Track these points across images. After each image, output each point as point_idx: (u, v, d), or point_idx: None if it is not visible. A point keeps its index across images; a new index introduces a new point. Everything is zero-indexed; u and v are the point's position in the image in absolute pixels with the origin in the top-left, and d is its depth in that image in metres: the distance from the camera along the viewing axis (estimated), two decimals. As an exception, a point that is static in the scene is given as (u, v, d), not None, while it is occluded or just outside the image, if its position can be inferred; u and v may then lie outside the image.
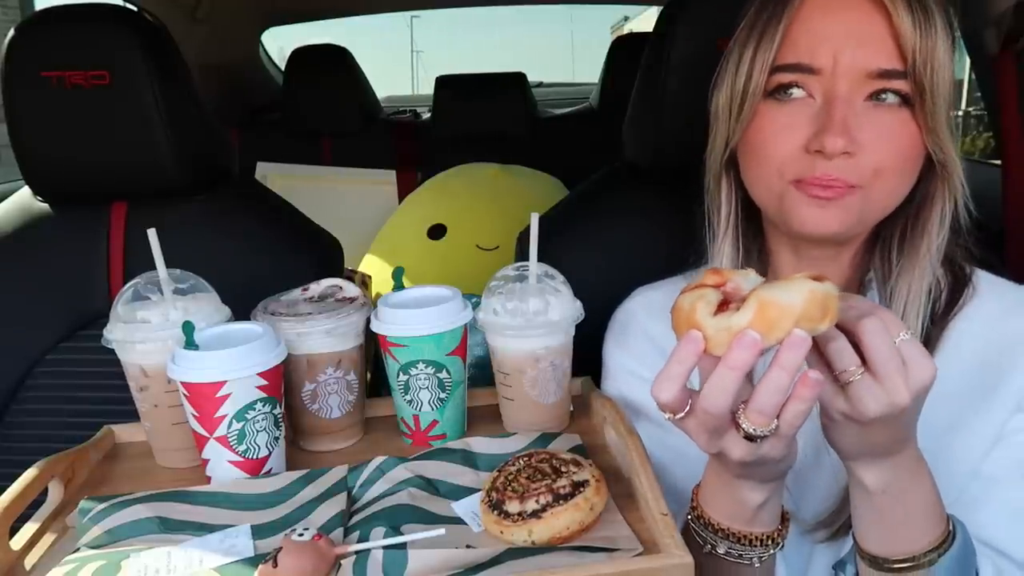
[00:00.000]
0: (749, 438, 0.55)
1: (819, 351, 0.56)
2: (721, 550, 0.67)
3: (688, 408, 0.57)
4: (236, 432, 0.72)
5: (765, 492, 0.64)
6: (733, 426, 0.56)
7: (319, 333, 0.79)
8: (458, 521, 0.66)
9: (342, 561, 0.60)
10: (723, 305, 0.55)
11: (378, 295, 1.64)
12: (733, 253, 0.80)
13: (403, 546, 0.60)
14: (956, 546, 0.62)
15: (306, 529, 0.60)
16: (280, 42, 3.14)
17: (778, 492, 0.65)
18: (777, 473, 0.63)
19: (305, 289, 0.86)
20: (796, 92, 0.70)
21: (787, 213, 0.72)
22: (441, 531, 0.62)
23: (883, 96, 0.68)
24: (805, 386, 0.53)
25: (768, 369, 0.53)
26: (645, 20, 7.01)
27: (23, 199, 1.21)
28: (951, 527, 0.63)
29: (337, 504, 0.68)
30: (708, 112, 0.79)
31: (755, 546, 0.66)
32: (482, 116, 2.60)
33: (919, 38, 0.66)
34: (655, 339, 0.87)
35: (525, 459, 0.67)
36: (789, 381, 0.52)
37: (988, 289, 0.77)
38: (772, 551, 0.67)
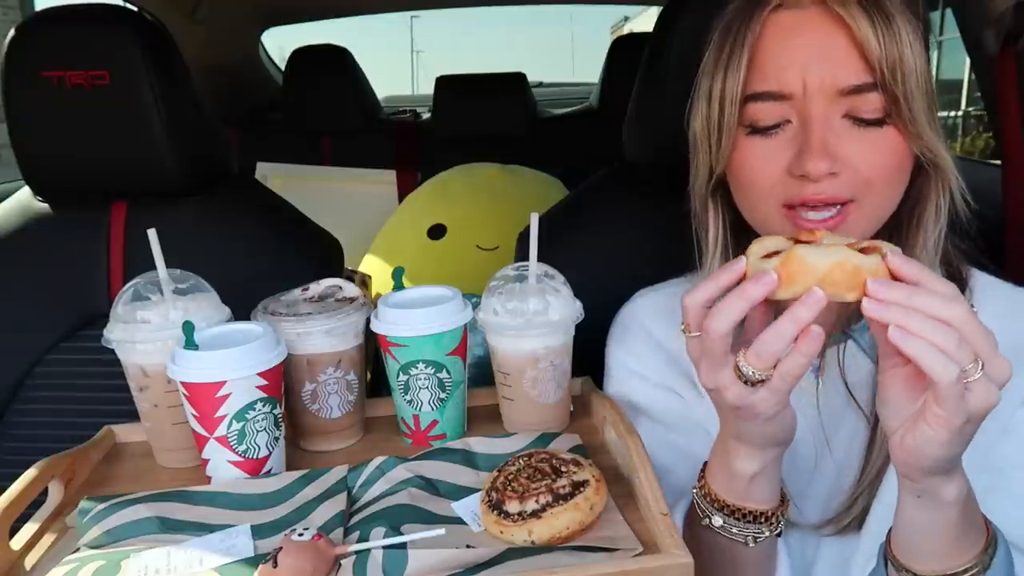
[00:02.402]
0: (744, 380, 0.57)
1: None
2: (716, 523, 0.68)
3: (701, 333, 0.59)
4: (236, 432, 0.72)
5: (758, 462, 0.65)
6: (732, 365, 0.58)
7: (319, 333, 0.79)
8: (458, 521, 0.66)
9: (342, 561, 0.60)
10: (776, 253, 0.57)
11: (378, 295, 1.64)
12: None
13: (403, 546, 0.60)
14: (1003, 544, 0.63)
15: (306, 529, 0.60)
16: (280, 42, 3.14)
17: (773, 467, 0.66)
18: (768, 439, 0.63)
19: (305, 289, 0.86)
20: (773, 125, 0.70)
21: None
22: (441, 531, 0.62)
23: (861, 118, 0.68)
24: (807, 339, 0.54)
25: (781, 317, 0.55)
26: (645, 20, 7.01)
27: (23, 199, 1.21)
28: (988, 527, 0.63)
29: (337, 504, 0.68)
30: (687, 137, 0.79)
31: (748, 522, 0.67)
32: (482, 116, 2.61)
33: (883, 48, 0.65)
34: (657, 340, 0.87)
35: (525, 459, 0.68)
36: (794, 333, 0.54)
37: (990, 292, 0.77)
38: (766, 534, 0.68)
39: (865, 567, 0.70)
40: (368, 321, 0.82)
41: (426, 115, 2.84)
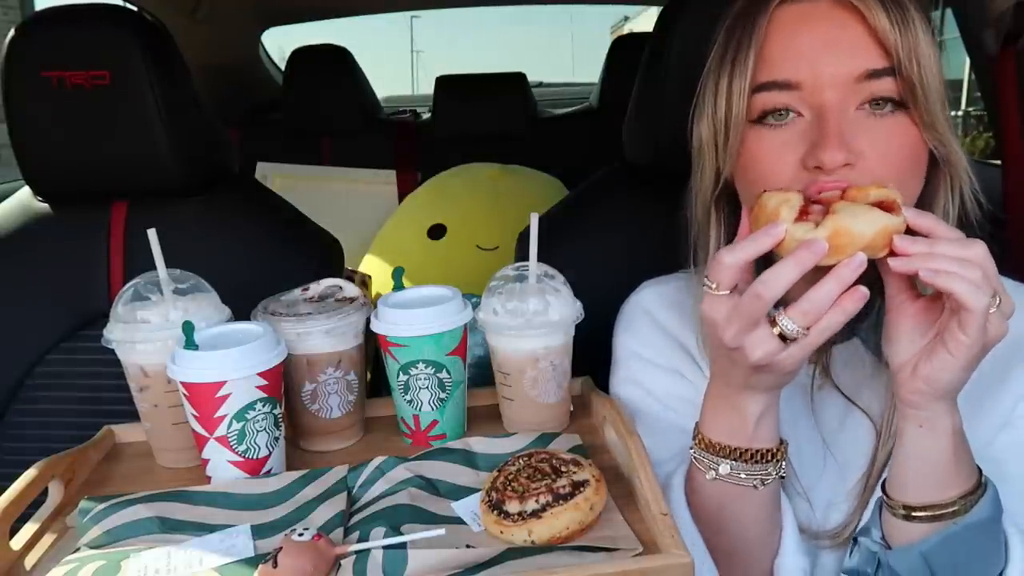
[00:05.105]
0: (782, 337, 0.59)
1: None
2: (724, 470, 0.69)
3: (730, 292, 0.61)
4: (236, 432, 0.72)
5: (763, 402, 0.67)
6: (767, 324, 0.60)
7: (319, 333, 0.79)
8: (458, 521, 0.66)
9: (342, 561, 0.60)
10: (803, 212, 0.60)
11: (378, 295, 1.64)
12: None
13: (403, 546, 0.60)
14: (991, 487, 0.65)
15: (306, 529, 0.60)
16: (280, 42, 3.14)
17: (775, 405, 0.68)
18: (778, 383, 0.66)
19: (305, 289, 0.86)
20: (783, 117, 0.68)
21: None
22: (441, 531, 0.62)
23: (877, 105, 0.66)
24: (852, 297, 0.57)
25: (825, 278, 0.57)
26: (645, 20, 7.01)
27: (23, 199, 1.21)
28: (980, 475, 0.65)
29: (337, 504, 0.68)
30: (689, 144, 0.78)
31: (756, 463, 0.68)
32: (482, 116, 2.60)
33: (899, 35, 0.64)
34: (663, 326, 0.87)
35: (525, 459, 0.68)
36: (838, 292, 0.57)
37: None
38: (772, 474, 0.69)
39: None
40: (368, 321, 0.82)
41: (426, 115, 2.84)
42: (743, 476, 0.68)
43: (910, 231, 0.59)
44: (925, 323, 0.61)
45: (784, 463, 0.70)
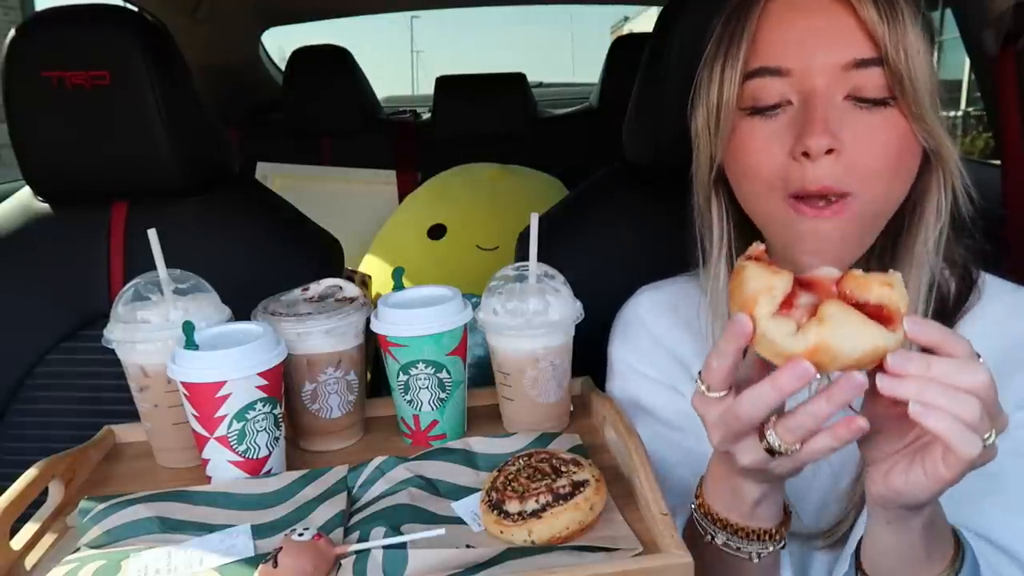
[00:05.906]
0: (769, 451, 0.55)
1: None
2: (719, 541, 0.67)
3: (724, 394, 0.56)
4: (236, 432, 0.72)
5: (764, 489, 0.63)
6: (756, 434, 0.56)
7: (319, 333, 0.79)
8: (458, 521, 0.66)
9: (342, 561, 0.60)
10: (787, 302, 0.52)
11: (378, 295, 1.64)
12: (729, 273, 0.78)
13: (403, 546, 0.60)
14: (969, 556, 0.62)
15: (306, 529, 0.60)
16: (280, 42, 3.14)
17: (778, 489, 0.65)
18: (778, 478, 0.62)
19: (305, 289, 0.86)
20: (772, 105, 0.69)
21: (787, 231, 0.70)
22: (441, 531, 0.62)
23: (864, 97, 0.67)
24: (848, 428, 0.52)
25: (817, 396, 0.52)
26: (645, 20, 7.01)
27: (23, 199, 1.21)
28: (957, 539, 0.63)
29: (337, 504, 0.68)
30: (689, 134, 0.78)
31: (752, 540, 0.66)
32: (482, 116, 2.61)
33: (888, 27, 0.65)
34: (659, 338, 0.87)
35: (525, 459, 0.68)
36: (830, 415, 0.52)
37: (993, 292, 0.76)
38: (771, 548, 0.67)
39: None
40: (368, 321, 0.82)
41: (426, 115, 2.84)
42: (740, 549, 0.66)
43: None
44: (904, 426, 0.55)
45: (785, 536, 0.67)
